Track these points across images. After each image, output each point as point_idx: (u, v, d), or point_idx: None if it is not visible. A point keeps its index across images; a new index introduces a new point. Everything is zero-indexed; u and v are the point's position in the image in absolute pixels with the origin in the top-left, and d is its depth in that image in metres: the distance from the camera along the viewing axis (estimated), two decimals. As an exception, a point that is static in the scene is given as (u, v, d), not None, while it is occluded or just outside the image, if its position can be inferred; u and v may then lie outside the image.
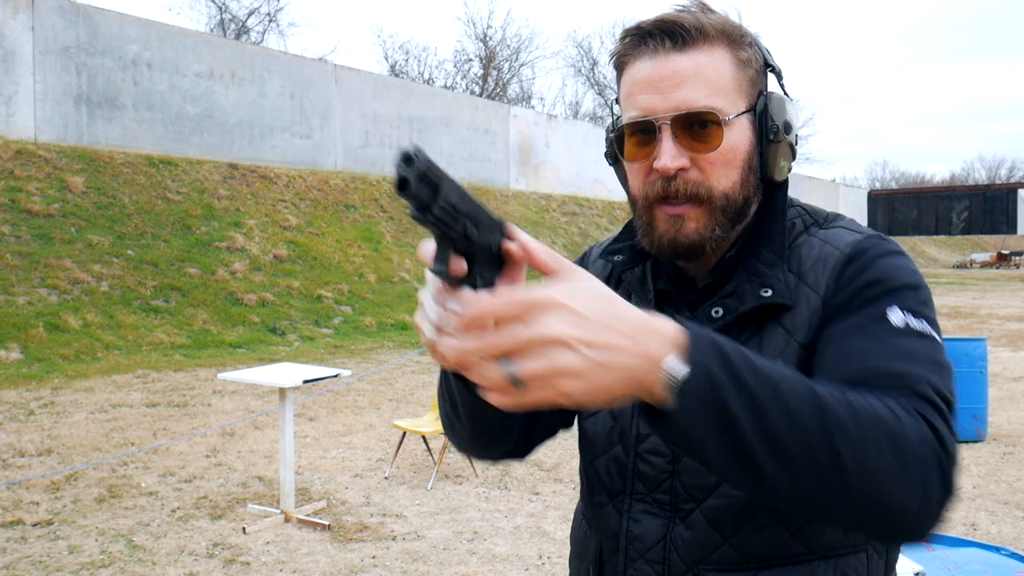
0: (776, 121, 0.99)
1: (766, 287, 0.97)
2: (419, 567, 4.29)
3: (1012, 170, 76.99)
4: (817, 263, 0.98)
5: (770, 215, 1.04)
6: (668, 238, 0.98)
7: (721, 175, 0.97)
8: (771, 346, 0.96)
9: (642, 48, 0.97)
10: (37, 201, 12.56)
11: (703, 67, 0.95)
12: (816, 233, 1.02)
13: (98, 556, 4.34)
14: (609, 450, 1.08)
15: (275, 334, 12.61)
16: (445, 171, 0.72)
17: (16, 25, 13.35)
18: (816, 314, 0.95)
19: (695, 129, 0.95)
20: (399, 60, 36.78)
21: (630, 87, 0.99)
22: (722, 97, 0.96)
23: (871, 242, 0.98)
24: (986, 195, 28.99)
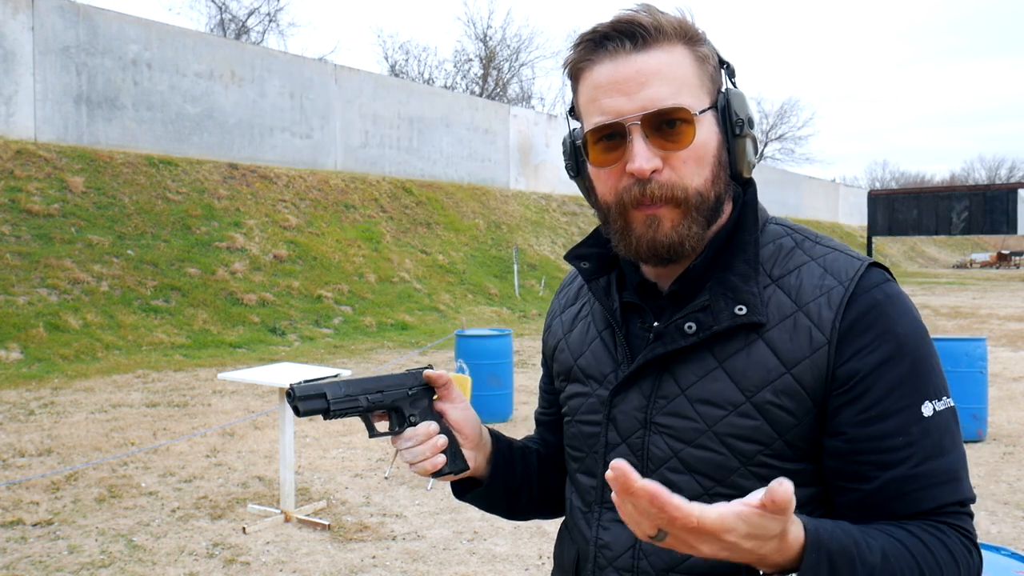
0: (740, 115, 0.98)
1: (740, 304, 0.96)
2: (419, 567, 4.29)
3: (1012, 170, 77.04)
4: (820, 294, 0.95)
5: (741, 224, 1.02)
6: (647, 240, 0.97)
7: (694, 173, 0.96)
8: (759, 369, 0.95)
9: (600, 52, 0.96)
10: (37, 201, 12.56)
11: (666, 65, 0.94)
12: (813, 252, 1.00)
13: (98, 556, 4.35)
14: (583, 462, 1.11)
15: (275, 334, 12.61)
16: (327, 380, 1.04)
17: (16, 25, 13.36)
18: (820, 356, 0.93)
19: (665, 128, 0.94)
20: (399, 60, 36.80)
21: (592, 92, 0.97)
22: (688, 93, 0.95)
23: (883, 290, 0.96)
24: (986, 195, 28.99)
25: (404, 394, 1.08)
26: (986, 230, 29.06)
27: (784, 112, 55.43)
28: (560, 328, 1.19)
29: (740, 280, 0.97)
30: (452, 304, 16.33)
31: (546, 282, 19.63)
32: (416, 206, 19.45)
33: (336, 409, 1.02)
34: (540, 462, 1.25)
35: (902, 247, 48.14)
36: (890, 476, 0.91)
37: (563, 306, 1.21)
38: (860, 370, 0.92)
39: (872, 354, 0.92)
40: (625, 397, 1.03)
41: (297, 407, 1.00)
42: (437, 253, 18.14)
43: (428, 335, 13.86)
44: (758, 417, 0.94)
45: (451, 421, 1.11)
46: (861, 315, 0.94)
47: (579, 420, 1.10)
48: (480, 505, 1.21)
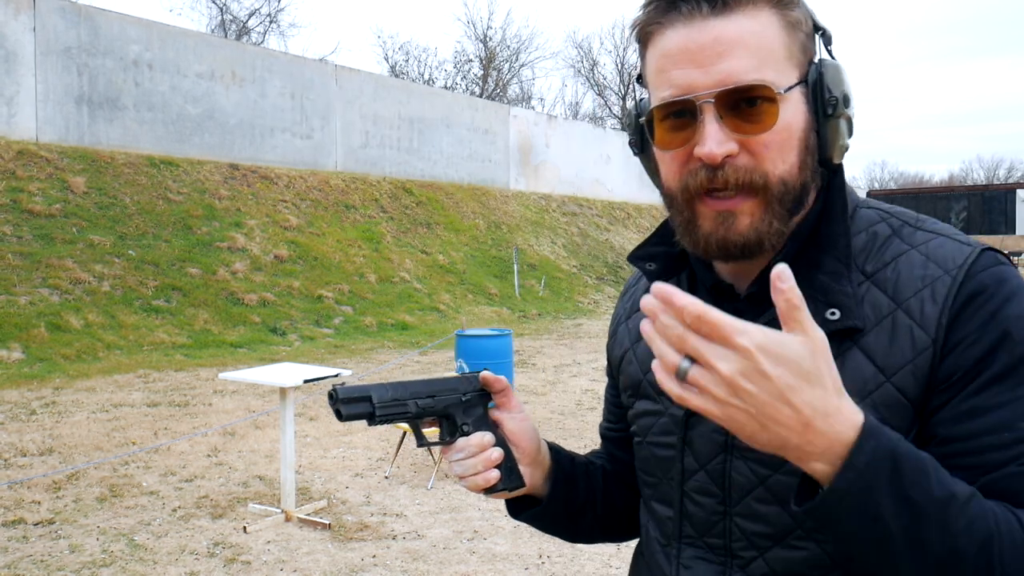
0: (834, 92, 0.84)
1: (832, 307, 0.83)
2: (419, 566, 4.30)
3: (1011, 170, 77.01)
4: (922, 287, 0.82)
5: (829, 213, 0.89)
6: (717, 238, 0.84)
7: (777, 159, 0.82)
8: (855, 380, 0.81)
9: (673, 14, 0.82)
10: (39, 201, 12.58)
11: (748, 33, 0.81)
12: (913, 239, 0.87)
13: (99, 555, 4.37)
14: (658, 488, 0.99)
15: (276, 334, 12.63)
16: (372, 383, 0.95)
17: (17, 26, 13.38)
18: (924, 359, 0.80)
19: (743, 107, 0.80)
20: (399, 61, 36.82)
21: (661, 61, 0.84)
22: (772, 68, 0.81)
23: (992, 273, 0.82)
24: (984, 195, 29.02)
25: (458, 400, 0.99)
26: (985, 230, 29.09)
27: (784, 112, 55.21)
28: (627, 337, 1.06)
29: (831, 279, 0.85)
30: (452, 304, 16.35)
31: (546, 282, 19.65)
32: (416, 206, 19.47)
33: (382, 415, 0.93)
34: (606, 480, 1.13)
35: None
36: (995, 476, 0.76)
37: (629, 311, 1.09)
38: (961, 365, 0.79)
39: (975, 345, 0.79)
40: (702, 418, 0.87)
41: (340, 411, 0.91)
42: (437, 253, 18.15)
43: (428, 335, 13.87)
44: None
45: (507, 432, 1.00)
46: (966, 304, 0.80)
47: (651, 442, 0.98)
48: (539, 526, 1.10)
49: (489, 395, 1.03)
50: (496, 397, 1.01)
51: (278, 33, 44.05)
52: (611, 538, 1.17)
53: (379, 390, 0.94)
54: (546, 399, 8.90)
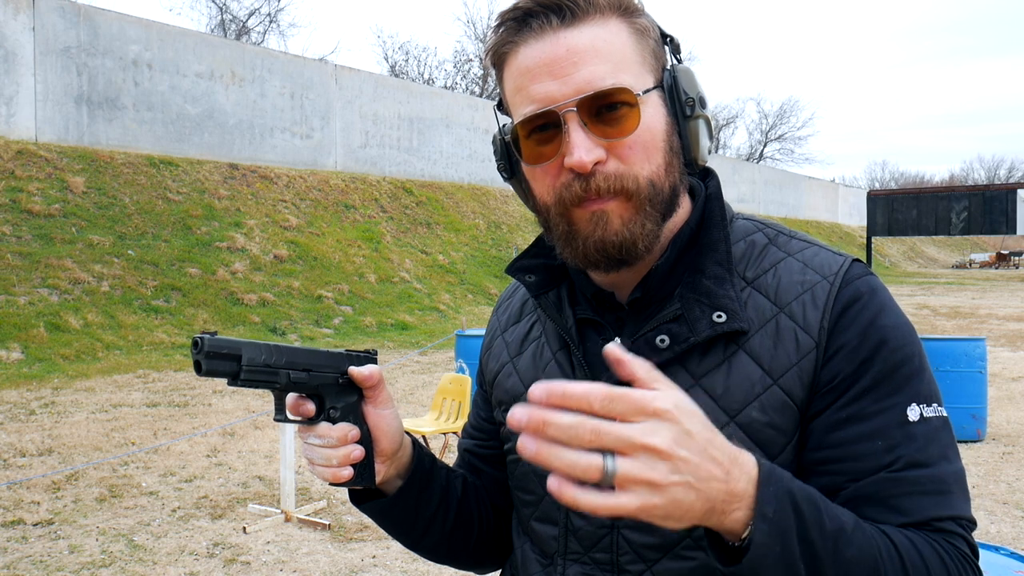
0: (689, 94, 0.85)
1: (719, 310, 0.84)
2: (419, 567, 4.29)
3: (1011, 170, 77.09)
4: (802, 292, 0.85)
5: (708, 220, 0.90)
6: (594, 240, 0.83)
7: (643, 161, 0.82)
8: (742, 383, 0.83)
9: (525, 32, 0.82)
10: (38, 201, 12.57)
11: (601, 41, 0.81)
12: (789, 248, 0.89)
13: (99, 556, 4.35)
14: (538, 506, 0.96)
15: (275, 334, 12.62)
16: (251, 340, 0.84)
17: (17, 26, 13.37)
18: (809, 361, 0.82)
19: (605, 113, 0.80)
20: (399, 60, 36.85)
21: (519, 79, 0.83)
22: (628, 72, 0.82)
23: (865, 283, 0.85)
24: (985, 195, 29.01)
25: (334, 380, 0.91)
26: (985, 230, 29.08)
27: (784, 112, 55.58)
28: (504, 350, 1.03)
29: (714, 283, 0.85)
30: (452, 304, 16.34)
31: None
32: (416, 206, 19.46)
33: (248, 379, 0.84)
34: (465, 491, 1.06)
35: (901, 247, 48.14)
36: (864, 483, 0.79)
37: (505, 324, 1.06)
38: (839, 372, 0.81)
39: (855, 352, 0.81)
40: None
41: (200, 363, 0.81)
42: (437, 253, 18.15)
43: (428, 335, 13.86)
44: (745, 439, 0.82)
45: (372, 428, 0.94)
46: (845, 309, 0.83)
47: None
48: (381, 522, 1.03)
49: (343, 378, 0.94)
50: (366, 392, 0.93)
51: (278, 33, 44.10)
52: (457, 558, 1.10)
53: (252, 350, 0.84)
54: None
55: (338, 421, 0.91)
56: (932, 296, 24.97)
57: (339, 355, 0.92)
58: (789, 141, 52.63)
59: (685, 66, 0.87)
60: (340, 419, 0.91)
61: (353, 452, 0.90)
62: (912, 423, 0.80)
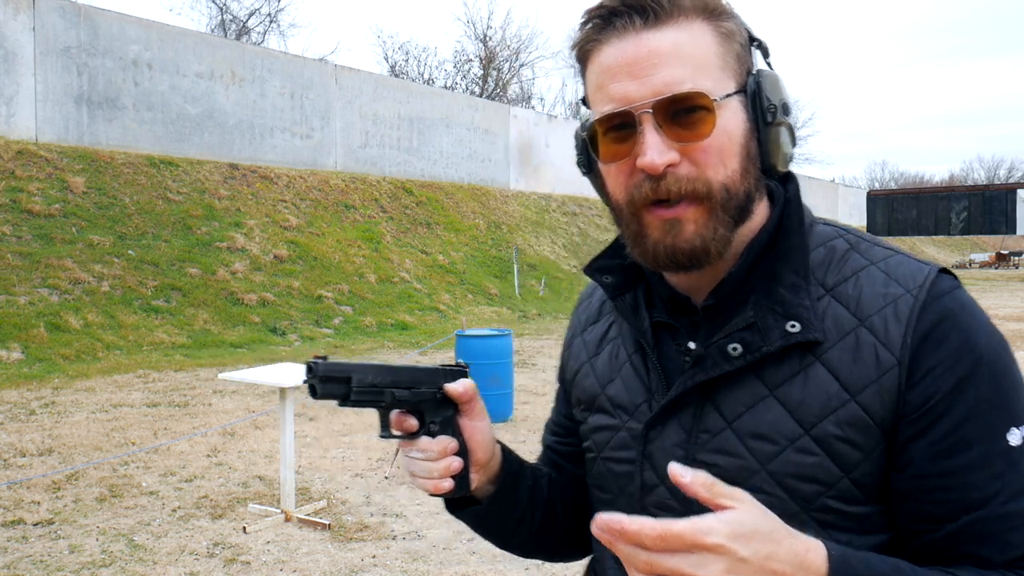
0: (772, 100, 0.85)
1: (792, 320, 0.83)
2: (419, 567, 4.30)
3: (1011, 170, 77.07)
4: (884, 305, 0.82)
5: (784, 225, 0.89)
6: (665, 246, 0.84)
7: (718, 165, 0.83)
8: (818, 396, 0.82)
9: (608, 31, 0.84)
10: (38, 201, 12.57)
11: (682, 44, 0.82)
12: (871, 255, 0.88)
13: (99, 555, 4.36)
14: (614, 504, 0.96)
15: (275, 334, 12.62)
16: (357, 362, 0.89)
17: (17, 25, 13.37)
18: (890, 379, 0.80)
19: (681, 116, 0.81)
20: (399, 60, 36.82)
21: (599, 77, 0.85)
22: (709, 76, 0.82)
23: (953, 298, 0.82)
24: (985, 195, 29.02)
25: (432, 396, 0.95)
26: (985, 230, 29.09)
27: (784, 112, 55.28)
28: (583, 350, 1.05)
29: (789, 292, 0.85)
30: (452, 304, 16.34)
31: (546, 282, 19.65)
32: (416, 206, 19.46)
33: (356, 399, 0.88)
34: (551, 489, 1.09)
35: (901, 247, 48.08)
36: (973, 518, 0.78)
37: (584, 323, 1.08)
38: (934, 393, 0.79)
39: (948, 373, 0.79)
40: (662, 431, 0.90)
41: (315, 387, 0.85)
42: (437, 253, 18.15)
43: (428, 335, 13.87)
44: (819, 452, 0.81)
45: (467, 440, 0.97)
46: (933, 327, 0.80)
47: (606, 457, 0.97)
48: (475, 527, 1.07)
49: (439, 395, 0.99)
50: (462, 406, 0.98)
51: (278, 33, 44.08)
52: (544, 552, 1.13)
53: (360, 372, 0.89)
54: (546, 399, 8.89)
55: (437, 435, 0.95)
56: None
57: (436, 371, 0.96)
58: (789, 141, 52.42)
59: (771, 71, 0.87)
60: (439, 432, 0.95)
61: (452, 464, 0.94)
62: (1014, 448, 0.79)
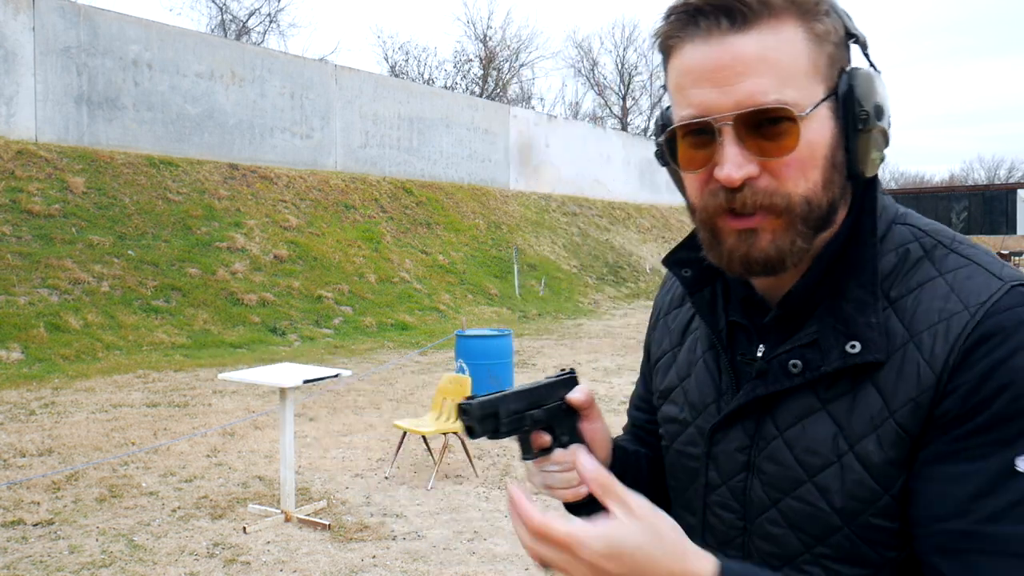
0: (865, 105, 0.80)
1: (853, 340, 0.80)
2: (419, 567, 4.30)
3: (1011, 170, 77.03)
4: (938, 322, 0.78)
5: (858, 234, 0.85)
6: (739, 255, 0.82)
7: (799, 178, 0.79)
8: (862, 415, 0.80)
9: (692, 28, 0.79)
10: (38, 201, 12.57)
11: (770, 50, 0.77)
12: (942, 263, 0.82)
13: (99, 556, 4.36)
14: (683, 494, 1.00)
15: (275, 334, 12.62)
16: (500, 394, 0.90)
17: (17, 26, 13.37)
18: (927, 396, 0.77)
19: (764, 128, 0.77)
20: (399, 60, 36.83)
21: (680, 78, 0.81)
22: (796, 86, 0.78)
23: (1014, 315, 0.75)
24: (985, 195, 29.03)
25: (559, 408, 0.96)
26: (985, 230, 29.10)
27: (784, 112, 55.27)
28: (666, 336, 1.06)
29: (855, 309, 0.81)
30: (452, 304, 16.34)
31: (546, 282, 19.65)
32: (416, 206, 19.46)
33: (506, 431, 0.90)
34: (650, 468, 1.11)
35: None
36: (945, 527, 0.75)
37: (668, 307, 1.08)
38: (956, 406, 0.75)
39: (975, 389, 0.74)
40: (727, 435, 0.91)
41: (474, 428, 0.87)
42: (437, 253, 18.15)
43: (428, 335, 13.87)
44: (860, 470, 0.80)
45: (588, 442, 0.99)
46: (978, 343, 0.75)
47: (677, 449, 0.99)
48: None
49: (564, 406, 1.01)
50: (584, 411, 0.99)
51: (278, 33, 44.10)
52: None
53: (504, 404, 0.90)
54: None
55: (567, 445, 0.97)
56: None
57: (556, 383, 0.97)
58: (789, 141, 52.36)
59: (866, 71, 0.82)
60: (568, 443, 0.97)
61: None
62: (1018, 475, 0.72)
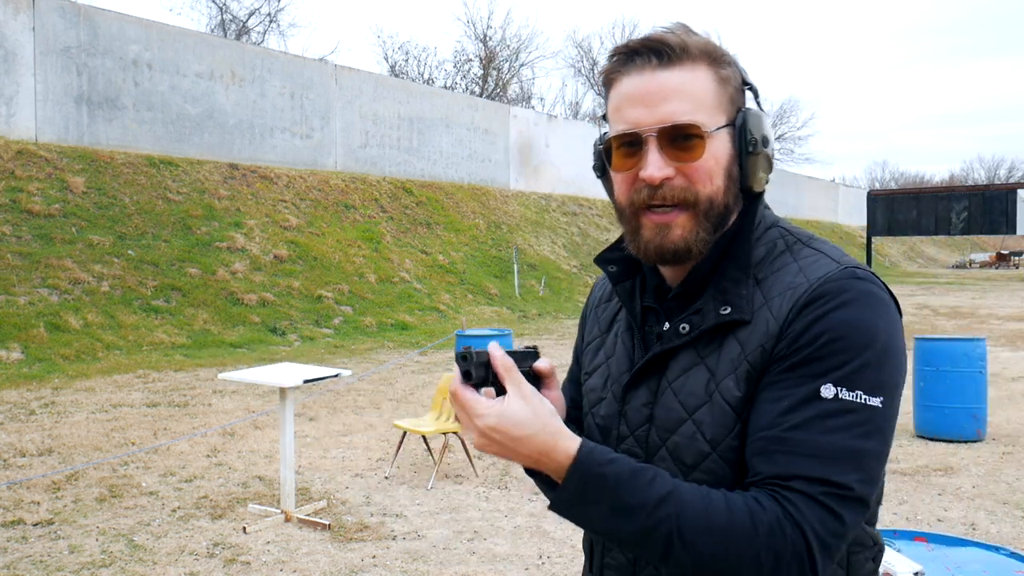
0: (754, 135, 1.05)
1: (726, 305, 1.03)
2: (419, 567, 4.29)
3: (1011, 170, 77.04)
4: (786, 291, 1.01)
5: (740, 233, 1.09)
6: (654, 244, 1.05)
7: (706, 181, 1.03)
8: (726, 360, 1.02)
9: (630, 65, 1.04)
10: (38, 201, 12.57)
11: (687, 83, 1.02)
12: (798, 254, 1.05)
13: (99, 556, 4.35)
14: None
15: (275, 334, 12.62)
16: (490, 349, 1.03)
17: (17, 26, 13.36)
18: (770, 341, 0.99)
19: (679, 141, 1.01)
20: (399, 60, 36.80)
21: (618, 101, 1.05)
22: (704, 112, 1.02)
23: (838, 284, 0.98)
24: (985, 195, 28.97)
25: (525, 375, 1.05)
26: (985, 230, 29.04)
27: (784, 112, 55.21)
28: (596, 325, 1.26)
29: (731, 284, 1.05)
30: (452, 304, 16.34)
31: (546, 282, 19.63)
32: (416, 206, 19.45)
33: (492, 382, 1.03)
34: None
35: (901, 247, 48.13)
36: (760, 436, 0.95)
37: (598, 300, 1.29)
38: (782, 350, 0.97)
39: (798, 336, 0.97)
40: (635, 394, 1.11)
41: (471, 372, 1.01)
42: (437, 253, 18.14)
43: (428, 335, 13.86)
44: (722, 403, 1.01)
45: None
46: (810, 301, 0.98)
47: (596, 413, 1.18)
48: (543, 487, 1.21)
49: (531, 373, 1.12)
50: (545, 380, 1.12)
51: (278, 33, 44.07)
52: None
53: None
54: (546, 399, 8.88)
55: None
56: (932, 296, 24.97)
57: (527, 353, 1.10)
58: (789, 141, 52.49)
59: (756, 111, 1.08)
60: None
61: None
62: (822, 399, 0.94)
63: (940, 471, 6.04)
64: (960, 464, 6.21)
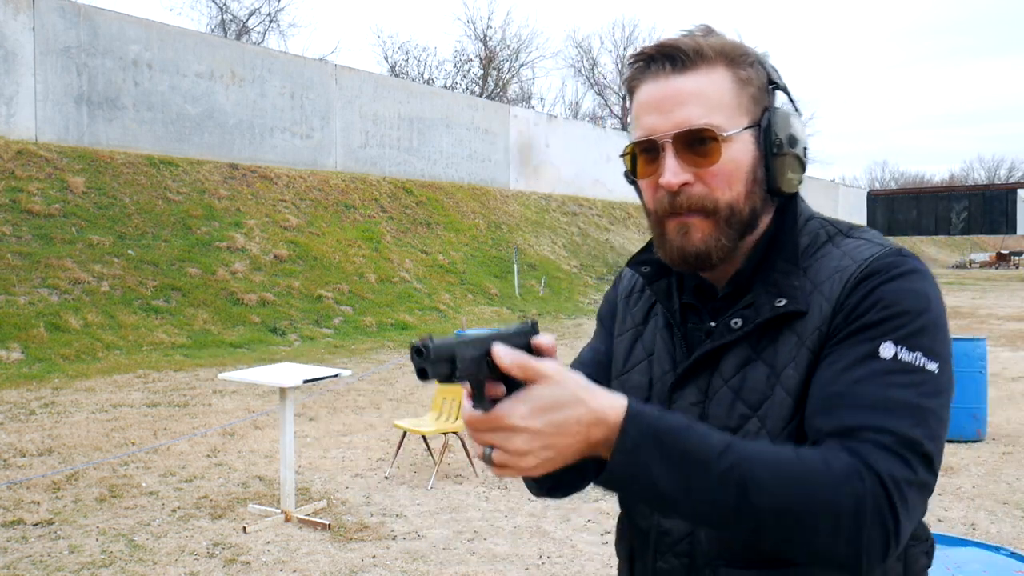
0: (780, 135, 1.04)
1: (781, 296, 1.02)
2: (419, 567, 4.29)
3: (1011, 170, 77.05)
4: (834, 274, 1.01)
5: (784, 226, 1.08)
6: (677, 247, 1.04)
7: (725, 187, 1.02)
8: (784, 351, 1.01)
9: (647, 72, 1.04)
10: (38, 201, 12.57)
11: (702, 87, 1.01)
12: (840, 243, 1.05)
13: (99, 556, 4.35)
14: None
15: (275, 334, 12.62)
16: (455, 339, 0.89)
17: (17, 25, 13.36)
18: (826, 323, 0.99)
19: (696, 145, 1.00)
20: (399, 60, 36.82)
21: (637, 109, 1.06)
22: (721, 114, 1.01)
23: (887, 261, 0.99)
24: (985, 195, 29.01)
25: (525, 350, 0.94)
26: (985, 230, 29.09)
27: (784, 112, 55.18)
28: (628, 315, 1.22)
29: (782, 276, 1.04)
30: (452, 304, 16.34)
31: (546, 282, 19.64)
32: (416, 206, 19.45)
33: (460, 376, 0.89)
34: None
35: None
36: (823, 392, 0.94)
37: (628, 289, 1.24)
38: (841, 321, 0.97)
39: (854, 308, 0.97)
40: (683, 393, 1.08)
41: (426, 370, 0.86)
42: (437, 253, 18.14)
43: (428, 335, 13.85)
44: (783, 394, 1.00)
45: None
46: (862, 279, 0.98)
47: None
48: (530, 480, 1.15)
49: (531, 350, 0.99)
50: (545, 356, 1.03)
51: (278, 33, 44.08)
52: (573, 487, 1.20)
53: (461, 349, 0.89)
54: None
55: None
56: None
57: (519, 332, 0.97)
58: (789, 141, 52.29)
59: (784, 111, 1.07)
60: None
61: None
62: (881, 358, 0.93)
63: (940, 471, 6.04)
64: (960, 464, 6.21)
